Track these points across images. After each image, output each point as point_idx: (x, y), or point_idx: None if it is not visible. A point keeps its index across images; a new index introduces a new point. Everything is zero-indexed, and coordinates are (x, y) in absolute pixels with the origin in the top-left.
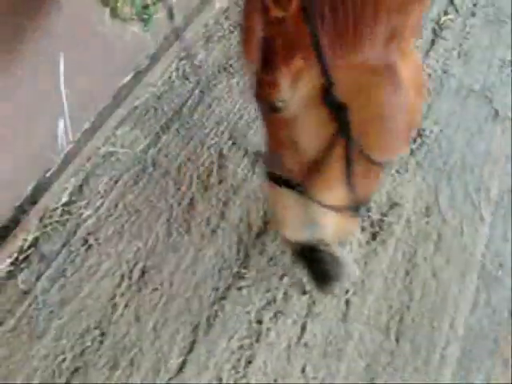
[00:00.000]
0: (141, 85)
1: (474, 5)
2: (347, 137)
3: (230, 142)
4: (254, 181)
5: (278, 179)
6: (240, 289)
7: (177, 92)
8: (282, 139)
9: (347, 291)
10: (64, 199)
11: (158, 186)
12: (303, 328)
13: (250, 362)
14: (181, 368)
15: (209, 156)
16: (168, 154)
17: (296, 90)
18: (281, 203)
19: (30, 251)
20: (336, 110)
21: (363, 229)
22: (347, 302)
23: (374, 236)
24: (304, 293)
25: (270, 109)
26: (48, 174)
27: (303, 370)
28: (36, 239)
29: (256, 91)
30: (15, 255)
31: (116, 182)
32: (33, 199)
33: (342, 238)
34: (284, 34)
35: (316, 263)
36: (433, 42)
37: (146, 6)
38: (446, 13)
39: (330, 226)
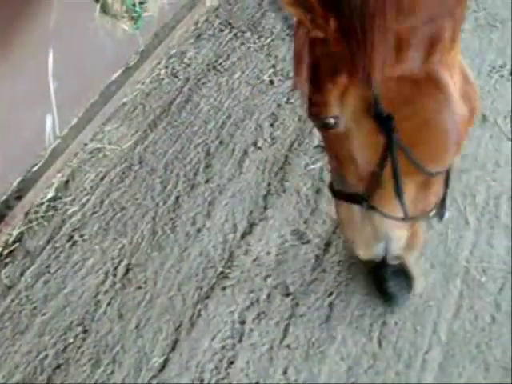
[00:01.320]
0: (129, 82)
1: None
2: (394, 147)
3: (218, 141)
4: (241, 181)
5: (344, 196)
6: (224, 289)
7: (165, 90)
8: (340, 155)
9: (331, 293)
10: (50, 195)
11: (144, 184)
12: (286, 329)
13: (232, 363)
14: (163, 367)
15: (196, 155)
16: (155, 151)
17: (344, 106)
18: (350, 220)
19: (14, 246)
20: (383, 121)
21: None
22: (331, 305)
23: None
24: (287, 294)
25: (323, 126)
26: (34, 169)
27: (285, 372)
28: (21, 234)
29: (308, 111)
30: None
31: (102, 178)
32: (18, 194)
33: (413, 249)
34: (327, 53)
35: (389, 279)
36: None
37: (135, 4)
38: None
39: (400, 238)
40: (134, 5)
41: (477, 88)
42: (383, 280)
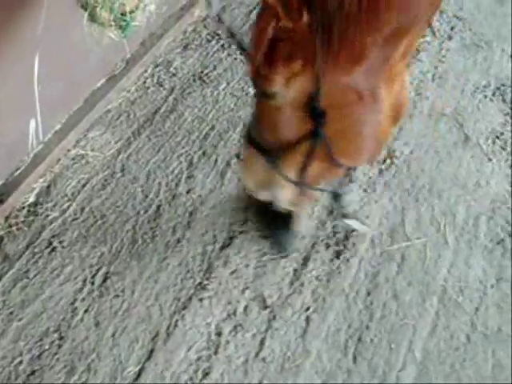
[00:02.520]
0: (115, 89)
1: (452, 28)
2: (317, 138)
3: (201, 152)
4: (222, 192)
5: (255, 144)
6: (201, 300)
7: (150, 98)
8: (266, 118)
9: (308, 308)
10: (31, 199)
11: (125, 192)
12: (262, 342)
13: (207, 374)
14: (138, 376)
15: (178, 165)
16: (138, 160)
17: (287, 89)
18: (252, 163)
19: None
20: (316, 114)
21: (328, 246)
22: (307, 319)
23: (338, 254)
24: (265, 307)
25: (261, 94)
26: (16, 174)
27: None
28: (0, 238)
29: (253, 77)
30: None
31: (84, 185)
32: (0, 198)
33: (295, 207)
34: (290, 40)
35: (272, 220)
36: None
37: (124, 13)
38: (423, 35)
39: (286, 193)
40: (122, 14)
41: (408, 94)
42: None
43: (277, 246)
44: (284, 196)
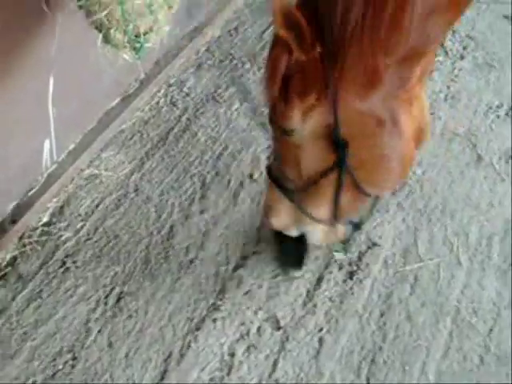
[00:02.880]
0: (128, 109)
1: (464, 48)
2: (342, 169)
3: (214, 172)
4: (235, 213)
5: (279, 184)
6: (214, 320)
7: (164, 118)
8: (287, 155)
9: (321, 329)
10: (45, 219)
11: (139, 212)
12: (275, 364)
13: None
14: None
15: (191, 185)
16: (151, 180)
17: (306, 123)
18: (277, 203)
19: (7, 270)
20: (338, 145)
21: (341, 267)
22: (320, 340)
23: (351, 275)
24: (278, 328)
25: (280, 131)
26: (30, 193)
27: None
28: (14, 258)
29: (270, 116)
30: None
31: (97, 205)
32: (13, 218)
33: (326, 242)
34: (303, 73)
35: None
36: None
37: (138, 35)
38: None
39: (316, 232)
40: (136, 35)
41: (429, 116)
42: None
43: (289, 264)
44: (315, 235)
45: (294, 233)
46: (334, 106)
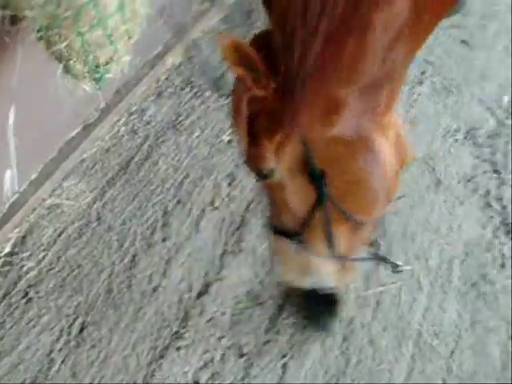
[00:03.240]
0: (89, 138)
1: (422, 73)
2: (324, 200)
3: (175, 200)
4: (198, 240)
5: (278, 231)
6: (178, 349)
7: (125, 147)
8: (276, 199)
9: (284, 355)
10: (7, 250)
11: (101, 241)
12: None
13: None
14: None
15: (153, 213)
16: (113, 209)
17: (280, 161)
18: (283, 252)
19: None
20: (316, 177)
21: None
22: (284, 366)
23: None
24: (241, 355)
25: (261, 176)
26: None
27: None
28: None
29: (245, 161)
30: None
31: (59, 234)
32: None
33: (343, 283)
34: (266, 111)
35: (321, 304)
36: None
37: (98, 66)
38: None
39: (328, 273)
40: (96, 66)
41: (407, 141)
42: (314, 306)
43: (320, 328)
44: (326, 276)
45: (306, 283)
46: (302, 139)
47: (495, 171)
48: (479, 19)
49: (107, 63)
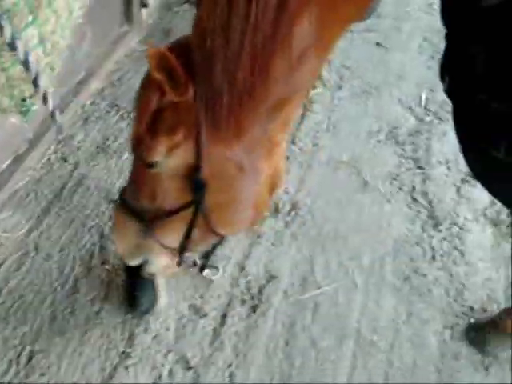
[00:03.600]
0: (20, 169)
1: (341, 78)
2: (198, 209)
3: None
4: None
5: (129, 207)
6: (127, 368)
7: (56, 175)
8: (145, 184)
9: (230, 364)
10: None
11: (41, 270)
12: None
13: None
14: None
15: (90, 237)
16: (50, 237)
17: (169, 158)
18: (125, 228)
19: None
20: (197, 186)
21: (243, 302)
22: (230, 375)
23: (253, 309)
24: (189, 368)
25: (142, 161)
26: None
27: None
28: None
29: (133, 145)
30: None
31: None
32: None
33: (165, 274)
34: (174, 111)
35: (137, 282)
36: (303, 117)
37: (24, 99)
38: (313, 87)
39: (160, 261)
40: (22, 99)
41: (284, 164)
42: (133, 285)
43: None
44: (158, 263)
45: (138, 260)
46: (199, 148)
47: (419, 167)
48: (393, 21)
49: (32, 96)
